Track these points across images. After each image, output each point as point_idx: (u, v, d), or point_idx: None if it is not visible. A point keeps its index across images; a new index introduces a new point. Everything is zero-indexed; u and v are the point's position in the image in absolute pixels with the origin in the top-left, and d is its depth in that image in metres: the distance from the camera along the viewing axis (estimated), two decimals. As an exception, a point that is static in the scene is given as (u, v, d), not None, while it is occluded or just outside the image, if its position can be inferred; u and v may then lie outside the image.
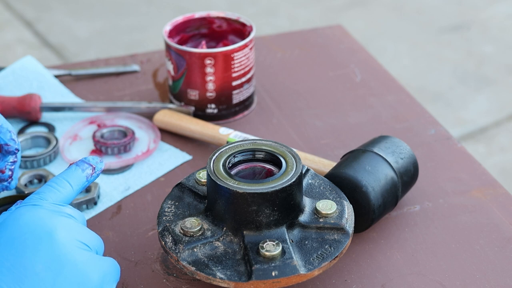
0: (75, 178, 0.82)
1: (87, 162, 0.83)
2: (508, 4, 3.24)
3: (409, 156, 0.95)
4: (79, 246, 0.75)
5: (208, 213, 0.85)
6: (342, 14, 3.16)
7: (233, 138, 1.05)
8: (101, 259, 0.77)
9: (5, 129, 0.89)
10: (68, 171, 0.82)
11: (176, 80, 1.12)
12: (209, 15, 1.17)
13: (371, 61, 1.29)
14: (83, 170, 0.82)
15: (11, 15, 3.15)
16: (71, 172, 0.82)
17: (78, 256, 0.74)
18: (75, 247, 0.75)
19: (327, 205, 0.85)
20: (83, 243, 0.76)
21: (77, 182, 0.82)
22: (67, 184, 0.81)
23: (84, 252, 0.75)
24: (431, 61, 2.86)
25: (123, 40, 2.98)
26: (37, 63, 1.21)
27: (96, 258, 0.76)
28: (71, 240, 0.75)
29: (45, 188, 0.80)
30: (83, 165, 0.83)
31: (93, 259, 0.76)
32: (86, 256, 0.75)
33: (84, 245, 0.76)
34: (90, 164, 0.83)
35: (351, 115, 1.15)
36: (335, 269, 0.88)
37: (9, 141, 0.89)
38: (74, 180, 0.81)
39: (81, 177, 0.82)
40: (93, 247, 0.77)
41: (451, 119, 2.54)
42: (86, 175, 0.82)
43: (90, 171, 0.83)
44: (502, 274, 0.88)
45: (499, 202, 0.98)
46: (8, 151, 0.90)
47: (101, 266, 0.76)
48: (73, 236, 0.76)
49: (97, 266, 0.76)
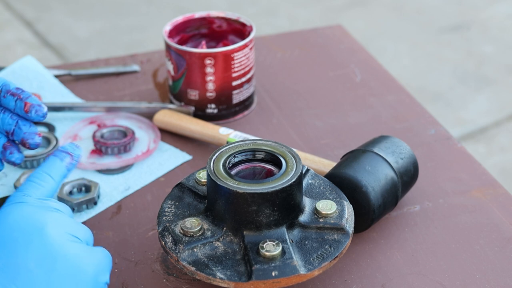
0: (55, 169, 0.81)
1: (64, 151, 0.82)
2: (508, 4, 3.24)
3: (409, 156, 0.95)
4: (70, 239, 0.75)
5: (208, 213, 0.85)
6: (342, 14, 3.16)
7: (233, 138, 1.05)
8: (93, 249, 0.77)
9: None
10: (47, 163, 0.81)
11: (176, 80, 1.12)
12: (209, 15, 1.17)
13: (371, 61, 1.29)
14: (61, 160, 0.82)
15: (11, 15, 3.15)
16: (51, 164, 0.81)
17: (70, 249, 0.74)
18: (66, 240, 0.75)
19: (327, 205, 0.85)
20: (74, 236, 0.76)
21: (58, 173, 0.81)
22: (48, 177, 0.80)
23: (76, 245, 0.75)
24: (431, 61, 2.86)
25: (123, 40, 2.98)
26: (37, 63, 1.21)
27: (88, 249, 0.76)
28: (62, 234, 0.75)
29: (27, 185, 0.79)
30: (61, 155, 0.82)
31: (85, 250, 0.76)
32: (78, 248, 0.75)
33: (74, 237, 0.76)
34: (67, 152, 0.82)
35: (351, 115, 1.15)
36: (335, 269, 0.88)
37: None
38: (55, 172, 0.81)
39: (61, 167, 0.81)
40: (83, 239, 0.77)
41: (451, 119, 2.54)
42: (65, 164, 0.82)
43: (69, 159, 0.82)
44: (502, 274, 0.88)
45: (499, 202, 0.98)
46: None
47: (94, 257, 0.76)
48: (63, 229, 0.75)
49: (90, 257, 0.76)
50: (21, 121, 0.84)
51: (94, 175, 1.03)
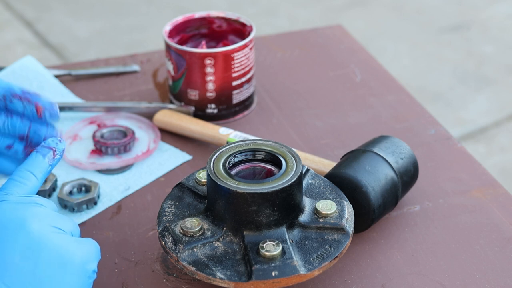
0: (37, 166, 0.80)
1: (46, 146, 0.81)
2: (508, 4, 3.24)
3: (409, 156, 0.95)
4: (53, 230, 0.75)
5: (208, 213, 0.85)
6: (342, 14, 3.16)
7: (233, 138, 1.05)
8: (79, 240, 0.77)
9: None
10: (29, 160, 0.80)
11: (176, 80, 1.12)
12: (209, 15, 1.17)
13: (371, 61, 1.29)
14: (44, 156, 0.80)
15: (11, 15, 3.15)
16: (33, 161, 0.80)
17: (54, 240, 0.74)
18: (49, 232, 0.74)
19: (327, 205, 0.85)
20: (58, 228, 0.75)
21: (40, 170, 0.80)
22: (30, 175, 0.79)
23: (60, 235, 0.75)
24: (431, 61, 2.86)
25: (123, 40, 2.98)
26: (37, 63, 1.21)
27: (74, 240, 0.76)
28: (45, 226, 0.75)
29: (9, 183, 0.78)
30: (43, 150, 0.81)
31: (70, 241, 0.75)
32: (62, 239, 0.75)
33: (58, 229, 0.75)
34: (50, 148, 0.81)
35: (351, 115, 1.15)
36: (335, 269, 0.88)
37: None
38: (37, 169, 0.80)
39: (43, 164, 0.80)
40: (68, 230, 0.77)
41: (451, 119, 2.54)
42: (48, 161, 0.81)
43: (52, 155, 0.81)
44: (502, 274, 0.88)
45: (499, 202, 0.98)
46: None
47: (80, 246, 0.76)
48: (46, 222, 0.75)
49: (76, 247, 0.75)
50: (34, 125, 0.82)
51: (94, 175, 1.03)
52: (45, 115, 0.82)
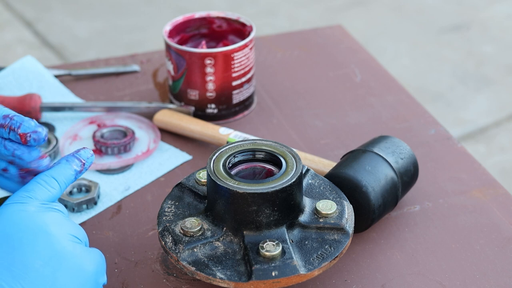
0: (64, 175, 0.80)
1: (78, 158, 0.81)
2: (508, 4, 3.24)
3: (409, 156, 0.95)
4: (72, 239, 0.76)
5: (208, 213, 0.85)
6: (342, 14, 3.16)
7: (233, 138, 1.05)
8: (91, 250, 0.77)
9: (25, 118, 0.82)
10: (58, 167, 0.80)
11: (176, 80, 1.12)
12: (209, 15, 1.17)
13: (371, 61, 1.29)
14: (72, 167, 0.80)
15: (11, 15, 3.15)
16: (61, 169, 0.80)
17: (73, 250, 0.75)
18: (69, 241, 0.75)
19: (327, 205, 0.85)
20: (75, 236, 0.76)
21: (65, 179, 0.80)
22: (55, 182, 0.79)
23: (77, 245, 0.76)
24: (431, 61, 2.86)
25: (123, 40, 2.98)
26: (37, 63, 1.21)
27: (87, 250, 0.77)
28: (64, 234, 0.75)
29: (33, 185, 0.78)
30: (74, 161, 0.81)
31: (85, 251, 0.76)
32: (79, 249, 0.76)
33: (75, 238, 0.76)
34: (80, 160, 0.81)
35: (351, 115, 1.15)
36: (335, 269, 0.88)
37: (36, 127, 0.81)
38: (63, 178, 0.80)
39: (69, 175, 0.80)
40: (82, 240, 0.78)
41: (451, 119, 2.54)
42: (75, 173, 0.80)
43: (79, 168, 0.81)
44: (502, 274, 0.88)
45: (499, 202, 0.98)
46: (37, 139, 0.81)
47: (93, 257, 0.77)
48: (65, 230, 0.76)
49: (90, 258, 0.76)
50: (18, 150, 0.80)
51: (94, 175, 1.03)
52: (30, 141, 0.79)
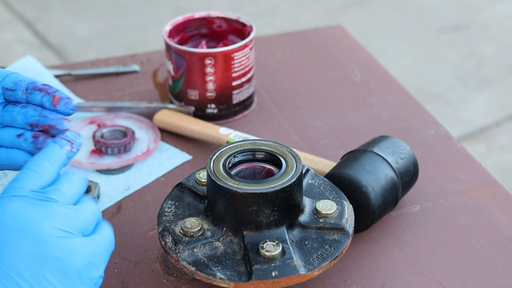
0: (54, 156, 0.78)
1: (64, 138, 0.80)
2: (508, 4, 3.24)
3: (409, 156, 0.95)
4: (61, 234, 0.72)
5: (208, 213, 0.85)
6: (342, 14, 3.16)
7: (233, 138, 1.05)
8: (86, 242, 0.74)
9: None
10: (46, 150, 0.78)
11: (176, 80, 1.12)
12: (209, 15, 1.17)
13: (371, 61, 1.29)
14: (62, 147, 0.79)
15: (11, 15, 3.15)
16: (50, 151, 0.78)
17: (60, 246, 0.72)
18: (56, 237, 0.72)
19: (327, 205, 0.85)
20: (65, 231, 0.73)
21: (57, 160, 0.78)
22: (47, 164, 0.76)
23: (69, 241, 0.73)
24: (431, 61, 2.86)
25: (123, 40, 2.98)
26: (37, 63, 1.21)
27: (82, 243, 0.73)
28: (53, 230, 0.72)
29: (23, 174, 0.75)
30: (61, 141, 0.79)
31: (78, 246, 0.73)
32: (71, 245, 0.72)
33: (65, 232, 0.73)
34: (68, 140, 0.80)
35: (351, 115, 1.15)
36: (335, 269, 0.88)
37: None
38: (54, 159, 0.77)
39: (60, 155, 0.78)
40: (78, 231, 0.74)
41: (451, 119, 2.54)
42: (66, 152, 0.79)
43: (69, 147, 0.79)
44: (502, 274, 0.88)
45: (499, 202, 0.98)
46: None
47: (89, 249, 0.73)
48: (55, 224, 0.72)
49: (84, 252, 0.73)
50: (45, 111, 0.81)
51: (94, 175, 1.03)
52: (60, 104, 0.80)
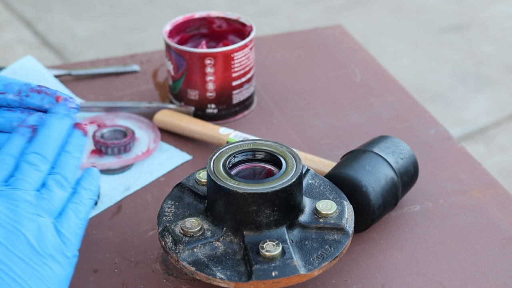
0: (15, 147, 0.73)
1: (24, 125, 0.76)
2: (508, 4, 3.24)
3: (409, 156, 0.95)
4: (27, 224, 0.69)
5: (208, 213, 0.85)
6: (342, 14, 3.16)
7: (233, 138, 1.05)
8: (57, 227, 0.71)
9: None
10: (7, 142, 0.74)
11: (176, 80, 1.12)
12: (209, 15, 1.17)
13: (371, 61, 1.29)
14: (23, 135, 0.75)
15: (11, 15, 3.15)
16: (11, 143, 0.74)
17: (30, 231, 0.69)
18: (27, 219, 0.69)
19: (327, 205, 0.85)
20: (12, 219, 0.69)
21: (15, 150, 0.73)
22: (8, 157, 0.73)
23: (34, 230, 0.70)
24: (431, 61, 2.86)
25: (123, 40, 2.98)
26: (37, 63, 1.21)
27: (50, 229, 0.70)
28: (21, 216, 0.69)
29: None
30: (21, 130, 0.75)
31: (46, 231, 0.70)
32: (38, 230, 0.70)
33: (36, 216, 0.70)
34: (28, 126, 0.76)
35: (351, 115, 1.15)
36: (335, 269, 0.88)
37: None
38: (15, 150, 0.73)
39: (21, 143, 0.74)
40: (45, 216, 0.71)
41: (451, 119, 2.54)
42: (27, 138, 0.75)
43: (29, 134, 0.75)
44: (502, 274, 0.88)
45: (499, 202, 0.98)
46: None
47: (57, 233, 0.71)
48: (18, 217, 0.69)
49: (50, 236, 0.70)
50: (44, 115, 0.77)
51: (94, 175, 1.03)
52: (64, 103, 0.77)
